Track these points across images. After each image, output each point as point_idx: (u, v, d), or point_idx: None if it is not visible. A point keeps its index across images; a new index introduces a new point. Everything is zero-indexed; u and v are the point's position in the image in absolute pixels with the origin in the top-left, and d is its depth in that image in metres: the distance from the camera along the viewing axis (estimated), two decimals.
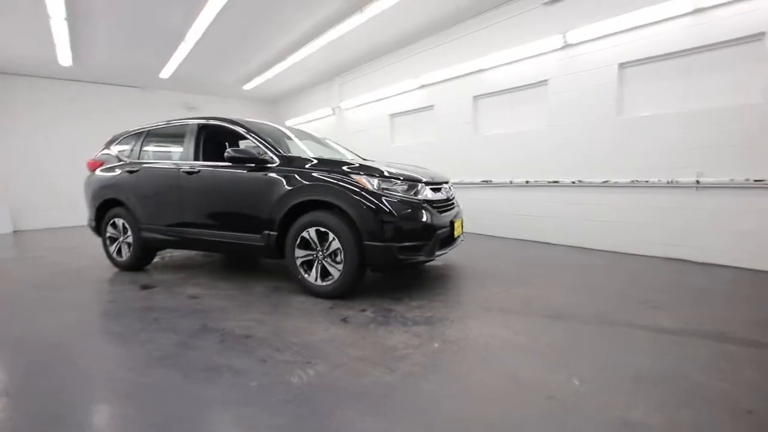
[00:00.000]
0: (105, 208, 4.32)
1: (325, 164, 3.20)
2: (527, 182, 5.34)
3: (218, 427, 1.55)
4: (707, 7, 3.75)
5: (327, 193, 2.98)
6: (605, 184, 4.55)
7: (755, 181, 3.57)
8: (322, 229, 3.02)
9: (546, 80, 5.09)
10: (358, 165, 3.18)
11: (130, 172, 4.10)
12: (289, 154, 3.37)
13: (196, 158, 3.78)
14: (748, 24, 3.55)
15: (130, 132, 4.45)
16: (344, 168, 3.10)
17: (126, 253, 4.19)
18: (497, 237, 5.77)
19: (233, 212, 3.48)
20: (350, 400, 1.71)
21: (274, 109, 11.65)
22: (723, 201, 3.78)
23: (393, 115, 7.62)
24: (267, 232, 3.28)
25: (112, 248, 4.30)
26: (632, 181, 4.33)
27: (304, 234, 3.09)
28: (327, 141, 4.58)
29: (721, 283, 3.34)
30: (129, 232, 4.12)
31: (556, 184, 5.01)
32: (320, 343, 2.29)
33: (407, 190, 3.07)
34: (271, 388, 1.81)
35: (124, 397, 1.76)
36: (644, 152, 4.27)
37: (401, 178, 3.09)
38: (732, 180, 3.69)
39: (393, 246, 2.87)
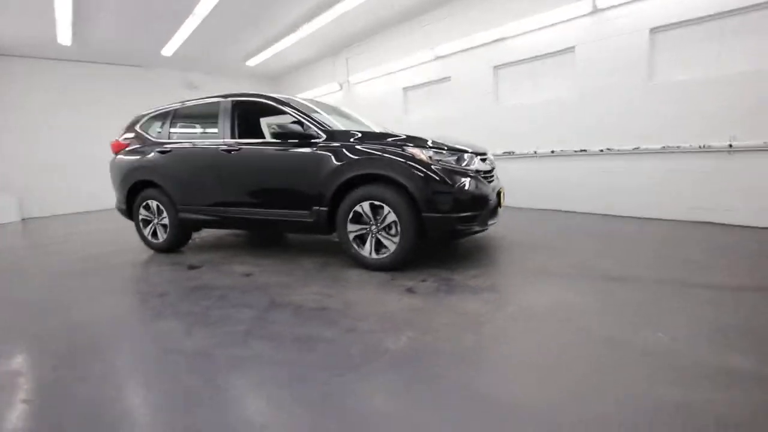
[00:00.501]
0: (136, 191, 4.25)
1: (370, 137, 3.17)
2: (552, 152, 5.36)
3: (341, 390, 1.59)
4: None
5: (383, 167, 2.97)
6: (636, 151, 4.59)
7: None
8: (377, 203, 3.02)
9: (573, 47, 5.03)
10: (404, 137, 3.16)
11: (162, 152, 4.01)
12: (334, 129, 3.33)
13: (232, 136, 3.71)
14: None
15: (156, 111, 4.33)
16: (393, 140, 3.08)
17: (162, 235, 4.16)
18: (523, 208, 5.83)
19: (280, 189, 3.46)
20: (454, 362, 1.76)
21: (276, 85, 11.36)
22: (755, 163, 3.86)
23: (406, 89, 7.50)
24: (316, 208, 3.27)
25: (147, 230, 4.26)
26: (663, 147, 4.38)
27: (357, 208, 3.10)
28: (351, 114, 4.50)
29: (759, 243, 3.46)
30: (165, 214, 4.07)
31: (584, 152, 5.04)
32: (398, 312, 2.34)
33: (458, 161, 3.07)
34: (373, 354, 1.86)
35: (234, 371, 1.79)
36: (675, 117, 4.30)
37: (453, 148, 3.08)
38: (766, 143, 3.75)
39: (452, 217, 2.89)
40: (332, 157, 3.16)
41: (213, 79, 10.29)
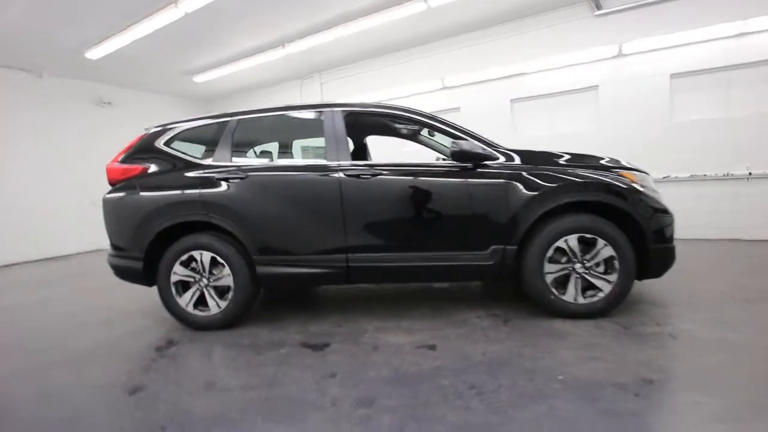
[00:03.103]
0: (163, 239, 2.79)
1: (540, 158, 2.73)
2: None
3: None
4: (750, 32, 4.57)
5: (606, 194, 2.52)
6: (666, 180, 5.10)
7: None
8: (588, 236, 2.53)
9: (596, 85, 5.47)
10: (570, 155, 2.80)
11: (228, 179, 2.74)
12: (509, 149, 2.75)
13: (353, 157, 2.77)
14: None
15: (196, 123, 3.00)
16: (570, 161, 2.70)
17: (217, 304, 2.76)
18: None
19: (444, 225, 2.66)
20: None
21: (213, 109, 9.64)
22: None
23: None
24: (499, 246, 2.58)
25: (186, 298, 2.78)
26: (691, 175, 4.98)
27: (560, 244, 2.54)
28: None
29: None
30: (226, 271, 2.73)
31: None
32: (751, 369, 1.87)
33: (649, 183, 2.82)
34: None
35: None
36: (696, 150, 4.95)
37: (644, 171, 2.83)
38: None
39: (671, 246, 2.59)
40: (521, 184, 2.58)
41: (131, 96, 8.14)
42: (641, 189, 2.57)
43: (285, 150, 3.41)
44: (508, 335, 2.42)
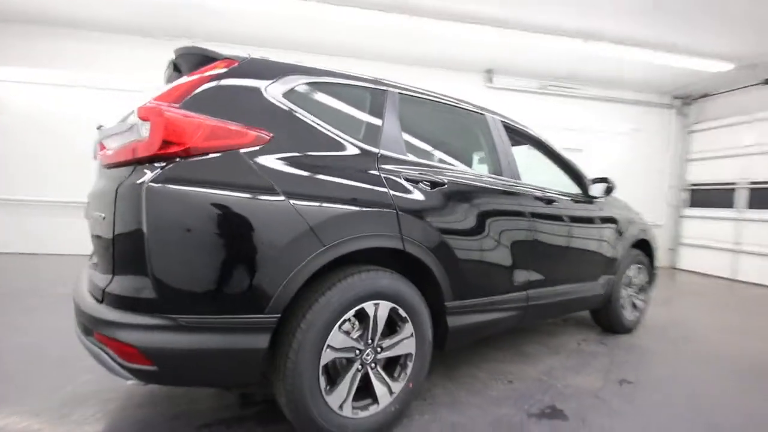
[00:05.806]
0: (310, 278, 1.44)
1: None
2: None
3: None
4: (574, 128, 7.02)
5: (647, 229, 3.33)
6: None
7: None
8: (639, 266, 3.24)
9: None
10: None
11: (422, 184, 1.74)
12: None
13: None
14: (576, 143, 7.12)
15: (337, 78, 1.74)
16: None
17: (388, 389, 1.63)
18: None
19: (587, 257, 2.76)
20: None
21: None
22: None
23: None
24: (607, 276, 2.90)
25: (339, 393, 1.49)
26: None
27: (629, 272, 3.13)
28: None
29: None
30: (406, 331, 1.68)
31: None
32: None
33: None
34: None
35: None
36: None
37: None
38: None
39: None
40: (615, 215, 3.03)
41: None
42: None
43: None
44: (641, 356, 2.72)
